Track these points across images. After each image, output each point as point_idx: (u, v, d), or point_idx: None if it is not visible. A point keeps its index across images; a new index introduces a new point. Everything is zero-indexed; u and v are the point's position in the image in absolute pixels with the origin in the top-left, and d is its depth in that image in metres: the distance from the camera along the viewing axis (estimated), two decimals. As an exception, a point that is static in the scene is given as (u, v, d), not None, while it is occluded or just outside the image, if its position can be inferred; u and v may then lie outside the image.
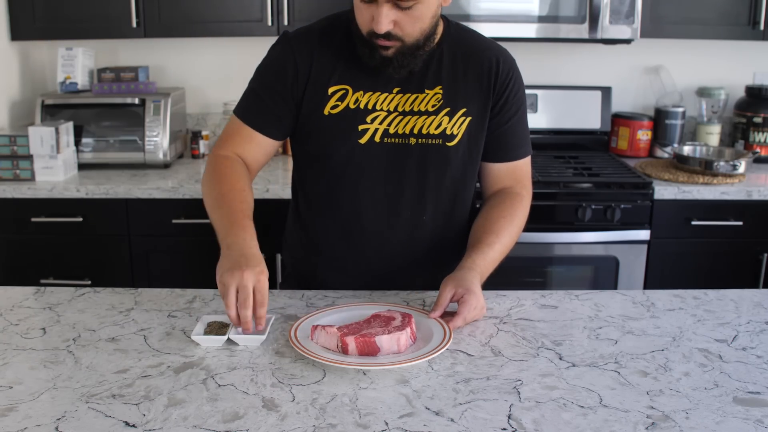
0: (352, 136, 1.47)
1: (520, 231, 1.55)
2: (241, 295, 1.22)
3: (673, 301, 1.48)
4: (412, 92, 1.47)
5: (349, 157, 1.49)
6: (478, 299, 1.34)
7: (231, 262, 1.25)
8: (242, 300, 1.21)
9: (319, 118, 1.47)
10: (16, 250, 2.63)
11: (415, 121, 1.48)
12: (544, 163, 2.87)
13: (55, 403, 1.06)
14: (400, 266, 1.56)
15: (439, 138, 1.49)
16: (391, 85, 1.47)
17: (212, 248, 2.79)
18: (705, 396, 1.10)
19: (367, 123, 1.47)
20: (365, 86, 1.47)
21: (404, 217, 1.53)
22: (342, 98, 1.47)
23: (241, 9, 2.80)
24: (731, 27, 2.84)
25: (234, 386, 1.11)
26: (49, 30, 2.85)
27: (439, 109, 1.48)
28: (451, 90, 1.49)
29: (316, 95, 1.47)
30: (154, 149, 2.79)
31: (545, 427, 1.01)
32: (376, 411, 1.04)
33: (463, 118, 1.49)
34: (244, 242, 1.31)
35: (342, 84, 1.47)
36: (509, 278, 1.53)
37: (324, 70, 1.47)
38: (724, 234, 2.64)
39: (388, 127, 1.47)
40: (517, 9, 2.73)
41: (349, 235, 1.55)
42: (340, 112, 1.47)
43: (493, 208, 1.54)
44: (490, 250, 1.45)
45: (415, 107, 1.48)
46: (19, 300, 1.46)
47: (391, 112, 1.47)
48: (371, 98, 1.47)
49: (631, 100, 3.24)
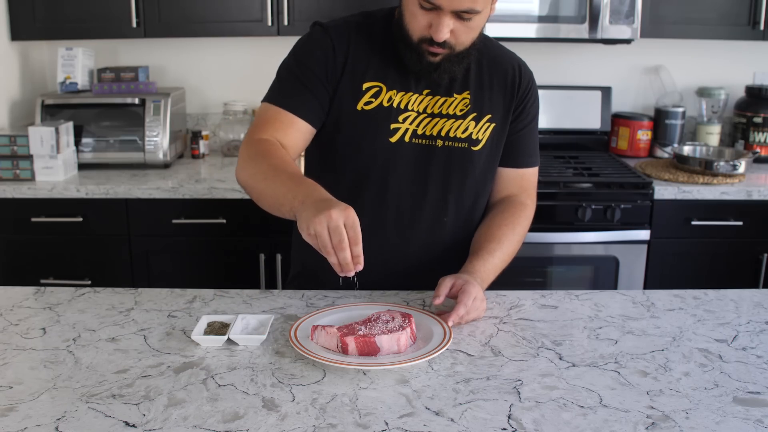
0: (383, 135, 1.47)
1: (522, 240, 1.56)
2: (335, 237, 1.15)
3: (673, 301, 1.48)
4: (441, 95, 1.49)
5: (378, 155, 1.49)
6: (477, 289, 1.34)
7: (314, 209, 1.18)
8: (337, 242, 1.15)
9: (352, 113, 1.47)
10: (16, 250, 2.63)
11: (443, 124, 1.49)
12: (544, 163, 2.85)
13: (55, 403, 1.06)
14: (418, 266, 1.56)
15: (464, 142, 1.50)
16: (421, 86, 1.48)
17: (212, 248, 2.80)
18: (705, 396, 1.10)
19: (398, 122, 1.48)
20: (398, 85, 1.48)
21: (426, 217, 1.53)
22: (376, 95, 1.47)
23: (241, 9, 2.80)
24: (731, 27, 2.84)
25: (234, 386, 1.11)
26: (49, 30, 2.85)
27: (467, 113, 1.50)
28: (478, 96, 1.51)
29: (351, 89, 1.47)
30: (154, 149, 2.78)
31: (545, 427, 1.01)
32: (376, 411, 1.04)
33: (488, 124, 1.52)
34: (318, 191, 1.25)
35: (376, 81, 1.47)
36: (509, 278, 1.53)
37: (359, 63, 1.47)
38: (724, 234, 2.64)
39: (417, 128, 1.49)
40: (517, 9, 2.72)
41: (370, 234, 1.53)
42: (373, 109, 1.47)
43: (496, 216, 1.55)
44: (491, 257, 1.46)
45: (443, 110, 1.49)
46: (19, 300, 1.46)
47: (420, 113, 1.49)
48: (403, 98, 1.48)
49: (631, 100, 3.24)
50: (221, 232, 2.59)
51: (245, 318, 1.31)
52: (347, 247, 1.16)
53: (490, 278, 1.46)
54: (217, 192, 2.55)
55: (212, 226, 2.59)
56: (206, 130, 3.09)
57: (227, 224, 2.58)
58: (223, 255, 2.63)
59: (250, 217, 2.54)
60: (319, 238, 1.16)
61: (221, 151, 3.11)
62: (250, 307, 1.43)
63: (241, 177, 1.42)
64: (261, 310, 1.41)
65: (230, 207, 2.57)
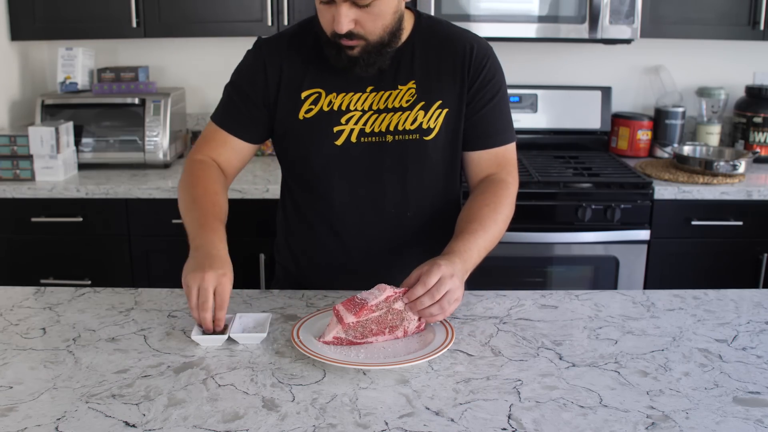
0: (327, 139, 1.47)
1: (508, 219, 1.48)
2: (201, 297, 1.23)
3: (673, 301, 1.48)
4: (385, 89, 1.47)
5: (327, 159, 1.49)
6: (443, 270, 1.24)
7: (195, 264, 1.27)
8: (201, 302, 1.23)
9: (294, 123, 1.48)
10: (16, 250, 2.63)
11: (390, 118, 1.47)
12: (544, 163, 2.87)
13: (55, 403, 1.06)
14: (387, 265, 1.54)
15: (415, 133, 1.47)
16: (364, 84, 1.47)
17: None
18: (705, 396, 1.10)
19: (341, 124, 1.47)
20: (338, 88, 1.47)
21: (388, 215, 1.52)
22: (315, 102, 1.47)
23: (241, 9, 2.80)
24: (731, 27, 2.84)
25: (234, 386, 1.11)
26: (49, 30, 2.85)
27: (414, 103, 1.47)
28: (424, 83, 1.47)
29: (290, 100, 1.48)
30: (154, 149, 2.79)
31: (545, 427, 1.01)
32: (376, 411, 1.04)
33: (439, 110, 1.48)
34: (212, 244, 1.32)
35: (314, 87, 1.47)
36: (509, 278, 1.53)
37: (296, 74, 1.48)
38: (724, 234, 2.64)
39: (364, 126, 1.47)
40: (517, 9, 2.72)
41: (335, 237, 1.54)
42: (314, 115, 1.47)
43: (476, 197, 1.49)
44: (471, 237, 1.38)
45: (389, 104, 1.47)
46: (19, 300, 1.46)
47: (366, 111, 1.47)
48: (345, 99, 1.47)
49: (631, 100, 3.24)
50: (221, 232, 2.59)
51: (243, 317, 1.31)
52: (209, 309, 1.23)
53: (474, 259, 1.35)
54: (217, 192, 2.55)
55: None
56: (206, 130, 3.09)
57: (227, 224, 2.57)
58: (223, 255, 2.63)
59: (250, 217, 2.53)
60: (187, 293, 1.25)
61: (221, 151, 3.11)
62: (250, 307, 1.43)
63: (177, 196, 1.51)
64: (261, 310, 1.41)
65: (230, 207, 2.56)
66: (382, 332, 1.25)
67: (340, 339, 1.22)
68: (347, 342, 1.23)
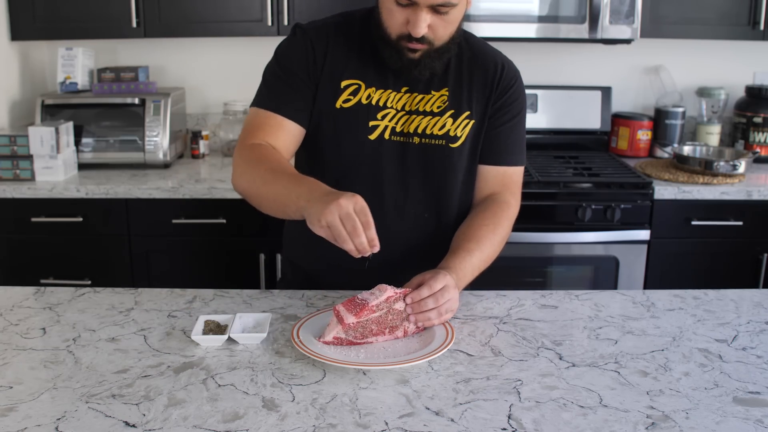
0: (362, 132, 1.48)
1: (504, 240, 1.51)
2: (348, 224, 1.17)
3: (673, 301, 1.48)
4: (419, 92, 1.49)
5: (357, 153, 1.49)
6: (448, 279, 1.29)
7: (321, 204, 1.20)
8: (351, 228, 1.17)
9: (331, 111, 1.48)
10: (16, 250, 2.63)
11: (420, 121, 1.49)
12: (544, 163, 2.87)
13: (55, 403, 1.06)
14: (401, 264, 1.55)
15: (442, 139, 1.50)
16: (399, 84, 1.48)
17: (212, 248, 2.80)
18: (705, 396, 1.10)
19: (377, 120, 1.48)
20: (377, 83, 1.48)
21: (407, 214, 1.53)
22: (354, 93, 1.48)
23: (241, 9, 2.80)
24: (731, 27, 2.84)
25: (234, 386, 1.11)
26: (49, 30, 2.85)
27: (444, 110, 1.49)
28: (456, 93, 1.50)
29: (330, 87, 1.48)
30: (154, 149, 2.78)
31: (545, 427, 1.01)
32: (376, 411, 1.04)
33: (467, 120, 1.51)
34: (320, 186, 1.28)
35: (355, 79, 1.48)
36: (509, 278, 1.53)
37: (338, 63, 1.48)
38: (724, 234, 2.64)
39: (396, 125, 1.49)
40: (517, 9, 2.73)
41: None
42: (352, 106, 1.48)
43: (477, 215, 1.52)
44: (468, 256, 1.41)
45: (420, 107, 1.49)
46: (19, 300, 1.46)
47: (399, 111, 1.49)
48: (382, 95, 1.48)
49: (631, 100, 3.24)
50: (221, 232, 2.59)
51: (242, 317, 1.31)
52: (362, 232, 1.18)
53: (467, 277, 1.40)
54: (217, 192, 2.55)
55: (212, 226, 2.59)
56: (206, 130, 3.09)
57: (227, 224, 2.58)
58: (223, 255, 2.63)
59: (250, 217, 2.53)
60: (332, 229, 1.18)
61: (221, 151, 3.11)
62: (250, 307, 1.43)
63: (239, 184, 1.43)
64: (261, 310, 1.41)
65: (230, 207, 2.57)
66: (382, 332, 1.25)
67: (340, 339, 1.23)
68: (347, 342, 1.23)
